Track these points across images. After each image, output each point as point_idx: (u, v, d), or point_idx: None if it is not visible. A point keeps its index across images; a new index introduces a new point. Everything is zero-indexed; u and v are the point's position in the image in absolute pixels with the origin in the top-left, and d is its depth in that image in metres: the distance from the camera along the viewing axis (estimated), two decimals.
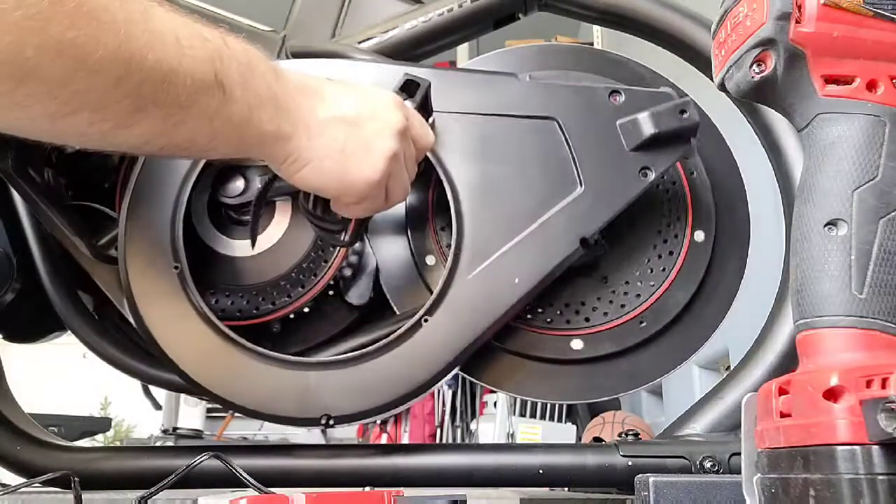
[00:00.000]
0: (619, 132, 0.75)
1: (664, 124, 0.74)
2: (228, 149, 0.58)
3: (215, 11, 0.87)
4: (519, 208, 0.75)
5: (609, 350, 0.79)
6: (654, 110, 0.75)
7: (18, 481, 0.71)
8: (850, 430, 0.40)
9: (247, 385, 0.72)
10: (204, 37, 0.52)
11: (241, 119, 0.55)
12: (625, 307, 0.80)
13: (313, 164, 0.61)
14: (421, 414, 3.88)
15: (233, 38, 0.56)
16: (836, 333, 0.44)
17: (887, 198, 0.46)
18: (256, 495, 0.63)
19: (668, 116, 0.74)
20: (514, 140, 0.76)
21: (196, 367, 0.73)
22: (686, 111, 0.74)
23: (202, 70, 0.51)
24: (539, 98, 0.77)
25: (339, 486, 0.75)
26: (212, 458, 0.69)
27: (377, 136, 0.63)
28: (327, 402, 0.72)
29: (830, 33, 0.47)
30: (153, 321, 0.73)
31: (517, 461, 0.75)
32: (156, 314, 0.73)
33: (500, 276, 0.73)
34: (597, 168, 0.75)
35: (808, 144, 0.49)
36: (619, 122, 0.76)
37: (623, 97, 0.76)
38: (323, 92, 0.63)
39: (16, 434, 0.79)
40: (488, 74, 0.80)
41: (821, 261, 0.46)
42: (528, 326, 0.79)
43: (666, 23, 0.88)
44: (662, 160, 0.75)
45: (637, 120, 0.75)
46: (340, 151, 0.62)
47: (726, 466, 0.69)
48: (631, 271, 0.81)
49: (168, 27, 0.49)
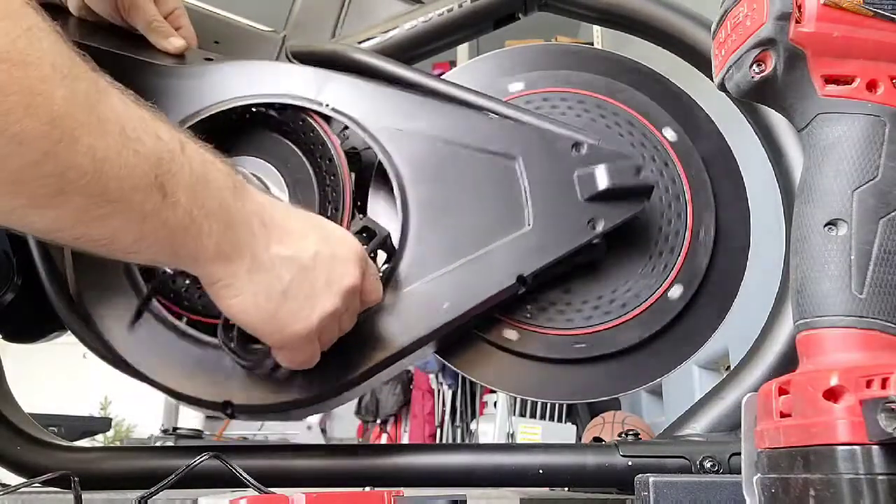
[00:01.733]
0: (575, 181, 0.77)
1: (618, 180, 0.76)
2: (157, 254, 0.54)
3: (215, 12, 0.87)
4: (464, 235, 0.75)
5: (610, 350, 0.79)
6: (611, 165, 0.76)
7: (18, 481, 0.71)
8: (850, 430, 0.40)
9: (162, 359, 0.71)
10: (157, 135, 0.50)
11: (177, 226, 0.51)
12: (626, 306, 0.80)
13: (245, 297, 0.57)
14: (421, 414, 3.88)
15: (195, 147, 0.53)
16: (835, 333, 0.44)
17: (887, 198, 0.46)
18: (256, 495, 0.63)
19: (624, 173, 0.76)
20: (472, 171, 0.77)
21: (113, 331, 0.71)
22: (642, 171, 0.76)
23: (142, 167, 0.48)
24: (505, 136, 0.78)
25: (339, 486, 0.75)
26: (212, 458, 0.69)
27: (325, 289, 0.60)
28: (233, 391, 0.70)
29: (830, 33, 0.47)
30: (84, 287, 0.72)
31: (517, 461, 0.75)
32: (96, 296, 0.72)
33: (431, 298, 0.73)
34: (547, 211, 0.76)
35: (808, 144, 0.49)
36: (576, 172, 0.77)
37: (585, 149, 0.77)
38: (285, 224, 0.59)
39: (16, 434, 0.79)
40: (463, 107, 0.80)
41: (821, 261, 0.46)
42: (529, 326, 0.79)
43: (666, 23, 0.88)
44: (613, 215, 0.76)
45: (593, 172, 0.76)
46: (281, 293, 0.58)
47: (726, 466, 0.69)
48: (632, 270, 0.81)
49: (115, 115, 0.47)
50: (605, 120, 0.85)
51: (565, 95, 0.87)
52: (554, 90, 0.87)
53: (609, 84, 0.88)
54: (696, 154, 0.85)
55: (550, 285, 0.79)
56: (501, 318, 0.79)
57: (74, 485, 0.64)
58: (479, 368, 0.80)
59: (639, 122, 0.85)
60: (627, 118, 0.85)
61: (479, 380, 0.80)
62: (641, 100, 0.87)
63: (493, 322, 0.78)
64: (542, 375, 0.80)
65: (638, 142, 0.84)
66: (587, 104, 0.86)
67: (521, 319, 0.79)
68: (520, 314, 0.78)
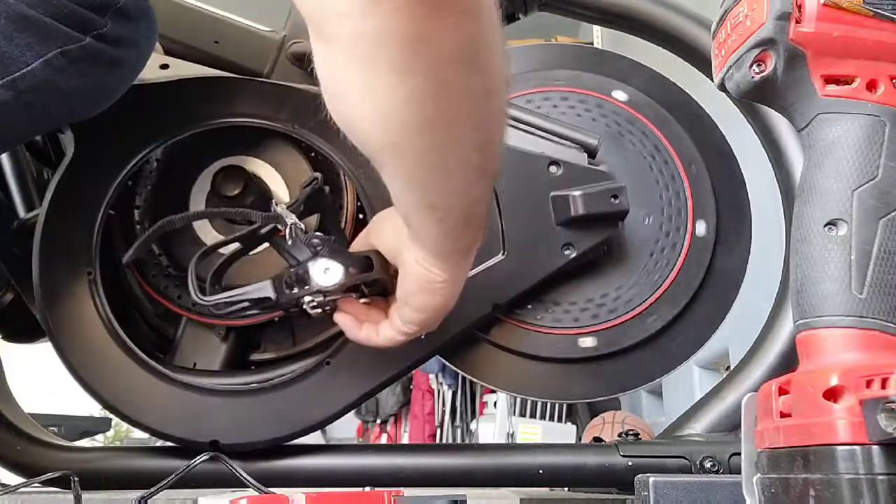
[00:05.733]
0: (549, 204, 0.75)
1: (595, 207, 0.74)
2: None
3: (215, 12, 0.87)
4: None
5: (611, 349, 0.79)
6: (587, 190, 0.74)
7: (18, 481, 0.71)
8: (850, 430, 0.40)
9: (141, 401, 0.73)
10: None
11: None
12: (627, 305, 0.80)
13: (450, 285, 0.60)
14: (421, 414, 3.88)
15: None
16: (835, 333, 0.44)
17: (887, 198, 0.46)
18: (256, 495, 0.63)
19: (600, 199, 0.74)
20: None
21: (90, 374, 0.73)
22: (619, 196, 0.74)
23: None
24: None
25: (339, 486, 0.75)
26: (212, 458, 0.69)
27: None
28: (218, 429, 0.72)
29: (830, 33, 0.47)
30: (58, 327, 0.72)
31: (517, 461, 0.75)
32: (61, 320, 0.73)
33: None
34: (522, 237, 0.75)
35: (808, 144, 0.49)
36: (552, 193, 0.75)
37: (561, 170, 0.75)
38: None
39: (16, 434, 0.79)
40: None
41: (821, 261, 0.46)
42: (530, 326, 0.79)
43: (666, 23, 0.88)
44: (587, 240, 0.75)
45: (569, 197, 0.74)
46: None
47: (726, 466, 0.69)
48: (634, 269, 0.81)
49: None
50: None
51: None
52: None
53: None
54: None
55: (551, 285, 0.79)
56: (505, 319, 0.79)
57: (74, 485, 0.64)
58: (483, 370, 0.80)
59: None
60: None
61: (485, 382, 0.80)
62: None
63: (498, 323, 0.78)
64: (545, 375, 0.80)
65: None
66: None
67: (524, 319, 0.79)
68: (522, 314, 0.78)
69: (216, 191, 0.78)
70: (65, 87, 0.61)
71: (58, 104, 0.63)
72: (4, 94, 0.58)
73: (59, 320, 0.72)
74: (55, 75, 0.60)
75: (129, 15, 0.63)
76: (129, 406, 0.73)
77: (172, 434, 0.72)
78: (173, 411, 0.72)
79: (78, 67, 0.61)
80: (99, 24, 0.61)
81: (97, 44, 0.61)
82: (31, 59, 0.58)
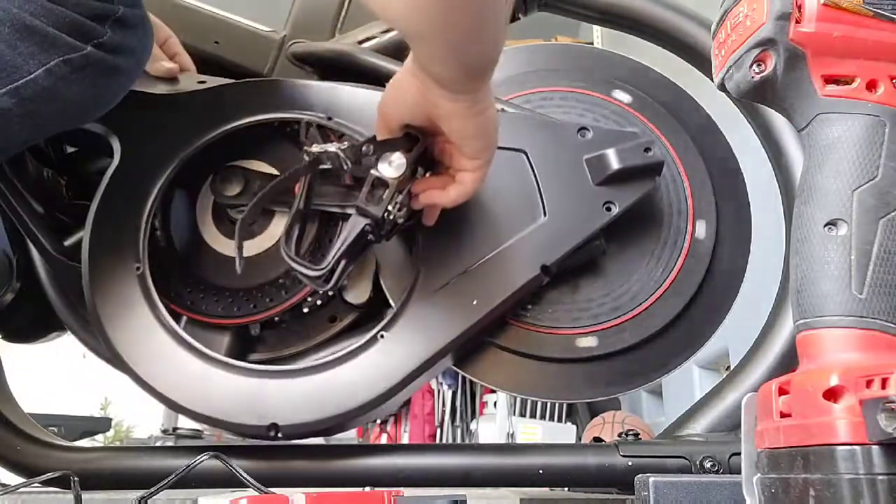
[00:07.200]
0: (585, 167, 0.77)
1: (629, 160, 0.76)
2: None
3: (215, 11, 0.87)
4: (483, 233, 0.76)
5: (611, 349, 0.79)
6: (620, 147, 0.76)
7: (18, 481, 0.71)
8: (850, 430, 0.40)
9: (197, 389, 0.72)
10: None
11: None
12: (627, 305, 0.79)
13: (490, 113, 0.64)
14: (421, 414, 3.87)
15: None
16: (835, 333, 0.44)
17: (887, 198, 0.46)
18: (256, 495, 0.63)
19: (634, 153, 0.76)
20: None
21: (146, 369, 0.72)
22: (651, 149, 0.76)
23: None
24: (510, 131, 0.78)
25: (339, 486, 0.75)
26: (212, 458, 0.69)
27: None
28: (276, 413, 0.71)
29: (830, 33, 0.47)
30: (110, 322, 0.73)
31: (517, 461, 0.75)
32: (112, 315, 0.73)
33: (460, 297, 0.73)
34: (561, 200, 0.77)
35: (808, 144, 0.49)
36: (585, 157, 0.77)
37: (591, 133, 0.78)
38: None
39: (16, 434, 0.79)
40: None
41: (821, 261, 0.46)
42: (530, 326, 0.79)
43: (666, 23, 0.88)
44: (626, 195, 0.77)
45: (603, 155, 0.77)
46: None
47: (726, 466, 0.69)
48: (633, 268, 0.81)
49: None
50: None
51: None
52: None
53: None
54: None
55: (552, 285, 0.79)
56: (508, 320, 0.79)
57: (74, 485, 0.64)
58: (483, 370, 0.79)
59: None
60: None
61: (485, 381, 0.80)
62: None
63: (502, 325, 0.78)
64: (545, 375, 0.80)
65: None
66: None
67: (524, 319, 0.79)
68: (522, 314, 0.78)
69: (216, 192, 0.78)
70: (66, 94, 0.62)
71: (59, 111, 0.64)
72: (7, 101, 0.59)
73: (111, 320, 0.73)
74: (57, 83, 0.61)
75: (127, 24, 0.65)
76: (186, 397, 0.72)
77: (233, 421, 0.71)
78: (233, 399, 0.72)
79: (79, 75, 0.62)
80: (99, 33, 0.62)
81: (98, 52, 0.63)
82: (34, 67, 0.59)
